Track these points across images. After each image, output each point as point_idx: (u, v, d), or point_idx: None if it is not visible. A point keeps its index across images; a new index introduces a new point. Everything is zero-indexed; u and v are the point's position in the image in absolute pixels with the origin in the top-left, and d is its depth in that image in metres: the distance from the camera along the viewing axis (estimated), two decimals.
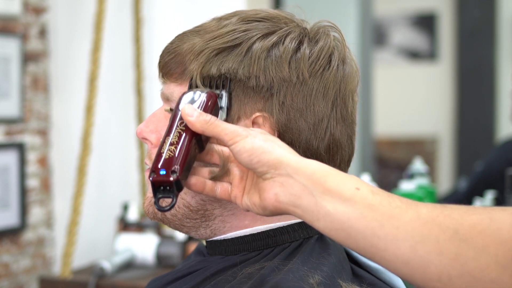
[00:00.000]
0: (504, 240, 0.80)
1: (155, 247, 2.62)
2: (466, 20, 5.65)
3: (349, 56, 1.03)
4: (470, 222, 0.82)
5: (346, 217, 0.84)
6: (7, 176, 2.67)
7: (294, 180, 0.87)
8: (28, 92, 2.76)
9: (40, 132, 2.81)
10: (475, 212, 0.83)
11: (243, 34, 0.98)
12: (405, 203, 0.84)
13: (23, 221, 2.73)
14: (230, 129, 0.90)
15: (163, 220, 1.04)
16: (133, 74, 3.06)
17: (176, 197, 0.91)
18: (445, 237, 0.81)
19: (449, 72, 5.80)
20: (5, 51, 2.66)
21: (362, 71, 4.05)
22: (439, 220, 0.82)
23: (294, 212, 0.88)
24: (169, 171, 0.90)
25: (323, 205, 0.85)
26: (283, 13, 1.03)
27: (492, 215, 0.82)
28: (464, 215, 0.82)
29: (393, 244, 0.83)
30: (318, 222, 0.86)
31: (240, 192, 0.93)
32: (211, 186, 0.94)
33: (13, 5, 2.66)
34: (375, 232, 0.83)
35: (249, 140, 0.89)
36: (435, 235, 0.81)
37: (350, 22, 3.96)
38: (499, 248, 0.80)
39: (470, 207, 0.84)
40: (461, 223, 0.82)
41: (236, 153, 0.89)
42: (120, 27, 3.06)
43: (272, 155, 0.88)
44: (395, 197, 0.85)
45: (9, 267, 2.71)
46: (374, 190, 0.85)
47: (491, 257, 0.80)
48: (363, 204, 0.84)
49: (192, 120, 0.91)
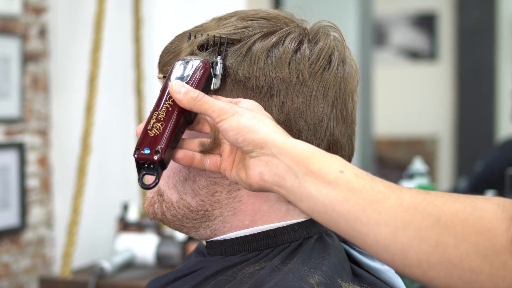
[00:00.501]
0: (486, 229, 0.80)
1: (155, 247, 2.62)
2: (466, 20, 5.65)
3: (349, 56, 1.03)
4: (453, 209, 0.82)
5: (329, 200, 0.85)
6: (7, 176, 2.68)
7: (278, 161, 0.87)
8: (28, 92, 2.76)
9: (40, 132, 2.82)
10: (458, 200, 0.83)
11: (243, 30, 0.99)
12: (389, 188, 0.85)
13: (23, 221, 2.73)
14: (217, 106, 0.91)
15: (163, 221, 1.04)
16: (133, 74, 3.06)
17: (160, 175, 0.92)
18: (426, 224, 0.82)
19: (449, 72, 5.80)
20: (5, 51, 2.66)
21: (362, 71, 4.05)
22: (422, 207, 0.82)
23: (278, 191, 0.89)
24: (153, 151, 0.91)
25: (306, 186, 0.86)
26: (283, 13, 1.03)
27: (475, 204, 0.82)
28: (447, 203, 0.83)
29: (375, 229, 0.83)
30: (301, 203, 0.87)
31: (229, 165, 0.94)
32: (200, 159, 0.95)
33: (13, 5, 2.66)
34: (357, 216, 0.84)
35: (235, 118, 0.89)
36: (417, 222, 0.82)
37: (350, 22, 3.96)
38: (480, 237, 0.80)
39: (454, 195, 0.84)
40: (443, 210, 0.82)
41: (222, 130, 0.90)
42: (120, 27, 3.06)
43: (258, 135, 0.88)
44: (379, 181, 0.86)
45: (9, 267, 2.71)
46: (358, 174, 0.86)
47: (472, 246, 0.80)
48: (346, 187, 0.84)
49: (180, 97, 0.92)
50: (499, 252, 0.80)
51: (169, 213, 1.02)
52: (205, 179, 0.99)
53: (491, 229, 0.80)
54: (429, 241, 0.81)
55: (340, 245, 1.02)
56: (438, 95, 5.82)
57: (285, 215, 0.99)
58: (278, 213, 0.99)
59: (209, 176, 0.99)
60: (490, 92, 5.52)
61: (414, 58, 6.02)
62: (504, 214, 0.81)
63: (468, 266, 0.80)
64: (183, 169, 1.00)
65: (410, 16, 6.01)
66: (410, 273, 0.84)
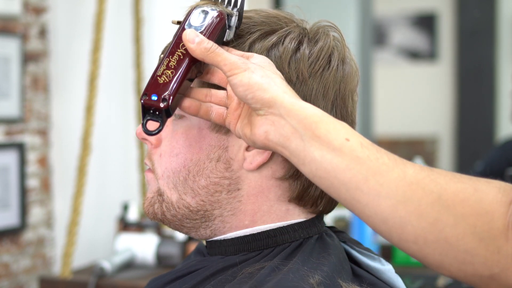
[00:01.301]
0: (485, 211, 0.81)
1: (155, 247, 2.62)
2: (466, 20, 5.65)
3: (348, 56, 1.03)
4: (454, 189, 0.82)
5: (332, 166, 0.85)
6: (7, 176, 2.68)
7: (285, 122, 0.88)
8: (28, 92, 2.76)
9: (40, 132, 2.82)
10: (461, 181, 0.83)
11: (244, 27, 0.99)
12: (393, 160, 0.85)
13: (23, 221, 2.73)
14: (230, 59, 0.90)
15: (163, 221, 1.04)
16: (133, 74, 3.06)
17: (164, 123, 0.92)
18: (427, 201, 0.82)
19: (449, 72, 5.80)
20: (5, 51, 2.66)
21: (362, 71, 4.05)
22: (424, 183, 0.83)
23: (282, 152, 0.89)
24: (160, 98, 0.91)
25: (310, 150, 0.86)
26: (283, 13, 1.03)
27: (476, 186, 0.82)
28: (449, 182, 0.83)
29: (375, 200, 0.84)
30: (304, 166, 0.87)
31: (235, 119, 0.94)
32: (205, 109, 0.95)
33: (13, 5, 2.66)
34: (359, 185, 0.84)
35: (246, 74, 0.89)
36: (417, 197, 0.82)
37: (350, 22, 3.96)
38: (478, 219, 0.80)
39: (456, 175, 0.85)
40: (445, 189, 0.82)
41: (232, 85, 0.90)
42: (120, 27, 3.06)
43: (267, 94, 0.88)
44: (384, 153, 0.86)
45: (9, 267, 2.71)
46: (364, 143, 0.86)
47: (469, 227, 0.80)
48: (351, 156, 0.85)
49: (193, 47, 0.92)
50: (495, 236, 0.80)
51: (169, 213, 1.02)
52: (205, 179, 0.99)
53: (490, 212, 0.80)
54: (428, 218, 0.82)
55: (340, 245, 1.02)
56: (438, 95, 5.82)
57: (285, 215, 0.99)
58: (278, 213, 0.99)
59: (208, 176, 0.99)
60: (490, 92, 5.52)
61: (414, 58, 6.02)
62: (504, 198, 0.82)
63: (464, 247, 0.80)
64: (183, 169, 1.00)
65: (410, 16, 6.01)
66: (405, 248, 0.84)
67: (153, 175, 1.04)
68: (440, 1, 5.85)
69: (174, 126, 1.01)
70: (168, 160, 1.01)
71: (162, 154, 1.02)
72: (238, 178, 0.99)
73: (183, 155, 1.00)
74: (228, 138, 0.98)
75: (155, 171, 1.03)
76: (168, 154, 1.01)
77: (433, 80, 5.86)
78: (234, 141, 0.98)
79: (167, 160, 1.01)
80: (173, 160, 1.00)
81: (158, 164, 1.02)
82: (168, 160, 1.01)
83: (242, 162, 0.98)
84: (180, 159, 1.00)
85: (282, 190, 0.99)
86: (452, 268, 0.83)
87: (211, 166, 0.99)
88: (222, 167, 0.99)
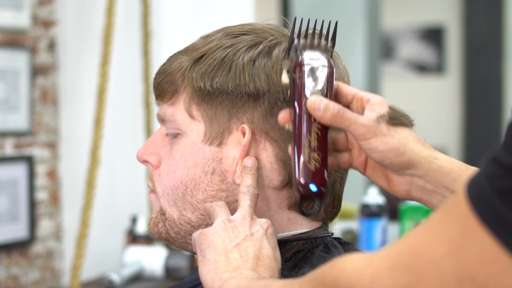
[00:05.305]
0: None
1: (163, 260, 2.62)
2: (474, 34, 5.66)
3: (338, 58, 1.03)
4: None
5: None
6: (16, 189, 2.68)
7: (424, 182, 0.93)
8: (37, 105, 2.77)
9: (49, 145, 2.83)
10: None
11: (230, 49, 0.99)
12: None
13: (32, 234, 2.74)
14: (359, 123, 0.91)
15: (168, 240, 1.05)
16: (142, 87, 3.06)
17: (322, 204, 0.93)
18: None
19: (456, 85, 5.80)
20: (14, 64, 2.67)
21: (369, 84, 4.06)
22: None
23: None
24: (320, 188, 0.91)
25: None
26: (270, 25, 1.04)
27: None
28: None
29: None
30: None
31: (361, 165, 0.97)
32: (335, 161, 0.98)
33: (22, 18, 2.68)
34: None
35: (380, 140, 0.91)
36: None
37: (358, 35, 3.97)
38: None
39: None
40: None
41: (366, 150, 0.91)
42: (128, 41, 3.07)
43: (405, 157, 0.92)
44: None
45: (18, 280, 2.72)
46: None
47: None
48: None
49: (320, 115, 0.91)
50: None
51: (173, 231, 1.03)
52: (202, 192, 1.00)
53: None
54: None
55: None
56: (446, 108, 5.82)
57: (287, 225, 1.00)
58: (280, 223, 1.00)
59: (205, 189, 1.00)
60: (497, 105, 5.52)
61: (421, 71, 6.02)
62: None
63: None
64: (180, 185, 1.01)
65: (417, 29, 6.01)
66: None
67: (155, 196, 1.05)
68: (447, 15, 5.86)
69: (172, 145, 1.03)
70: (166, 178, 1.02)
71: (161, 173, 1.04)
72: (234, 190, 1.00)
73: (179, 171, 1.01)
74: (221, 150, 0.99)
75: (156, 191, 1.05)
76: (166, 172, 1.03)
77: (441, 93, 5.86)
78: (228, 153, 0.99)
79: (165, 178, 1.03)
80: (171, 177, 1.02)
81: (158, 184, 1.04)
82: (167, 177, 1.02)
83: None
84: (177, 175, 1.01)
85: (281, 199, 0.99)
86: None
87: (207, 180, 1.00)
88: (217, 180, 1.00)
